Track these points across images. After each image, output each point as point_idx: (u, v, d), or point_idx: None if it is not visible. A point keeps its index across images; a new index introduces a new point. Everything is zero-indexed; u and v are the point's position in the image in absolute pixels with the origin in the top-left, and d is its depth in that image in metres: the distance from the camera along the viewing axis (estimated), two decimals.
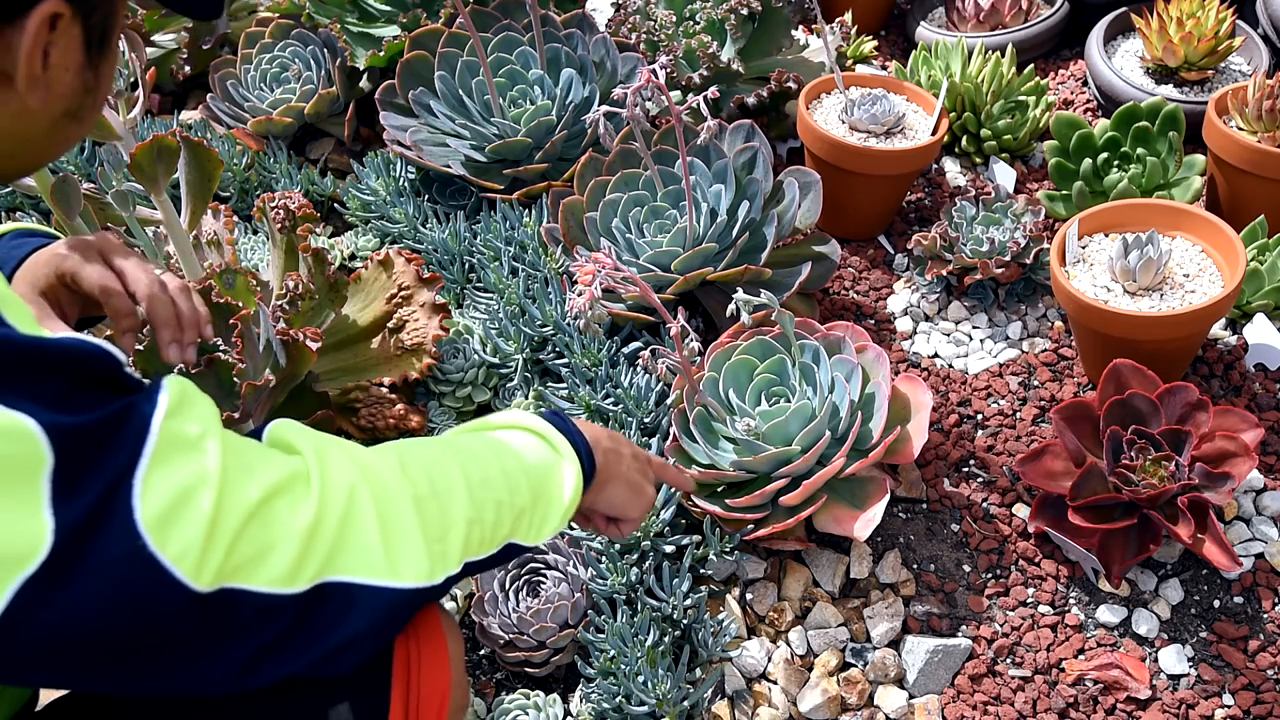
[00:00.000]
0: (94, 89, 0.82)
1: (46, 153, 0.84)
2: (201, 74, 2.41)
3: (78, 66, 0.78)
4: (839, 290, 1.91)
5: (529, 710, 1.35)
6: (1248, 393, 1.64)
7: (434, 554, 0.83)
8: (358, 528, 0.77)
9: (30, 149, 0.82)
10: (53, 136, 0.82)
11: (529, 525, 0.93)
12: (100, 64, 0.81)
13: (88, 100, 0.82)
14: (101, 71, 0.82)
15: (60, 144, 0.84)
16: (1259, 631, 1.39)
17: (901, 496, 1.55)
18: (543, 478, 0.94)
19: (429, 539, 0.82)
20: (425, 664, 0.87)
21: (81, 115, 0.82)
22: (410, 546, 0.81)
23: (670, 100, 1.50)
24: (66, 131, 0.83)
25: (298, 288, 1.56)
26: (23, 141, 0.80)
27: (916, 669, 1.38)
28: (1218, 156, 1.80)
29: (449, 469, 0.87)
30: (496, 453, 0.92)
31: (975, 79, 2.08)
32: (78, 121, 0.83)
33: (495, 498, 0.89)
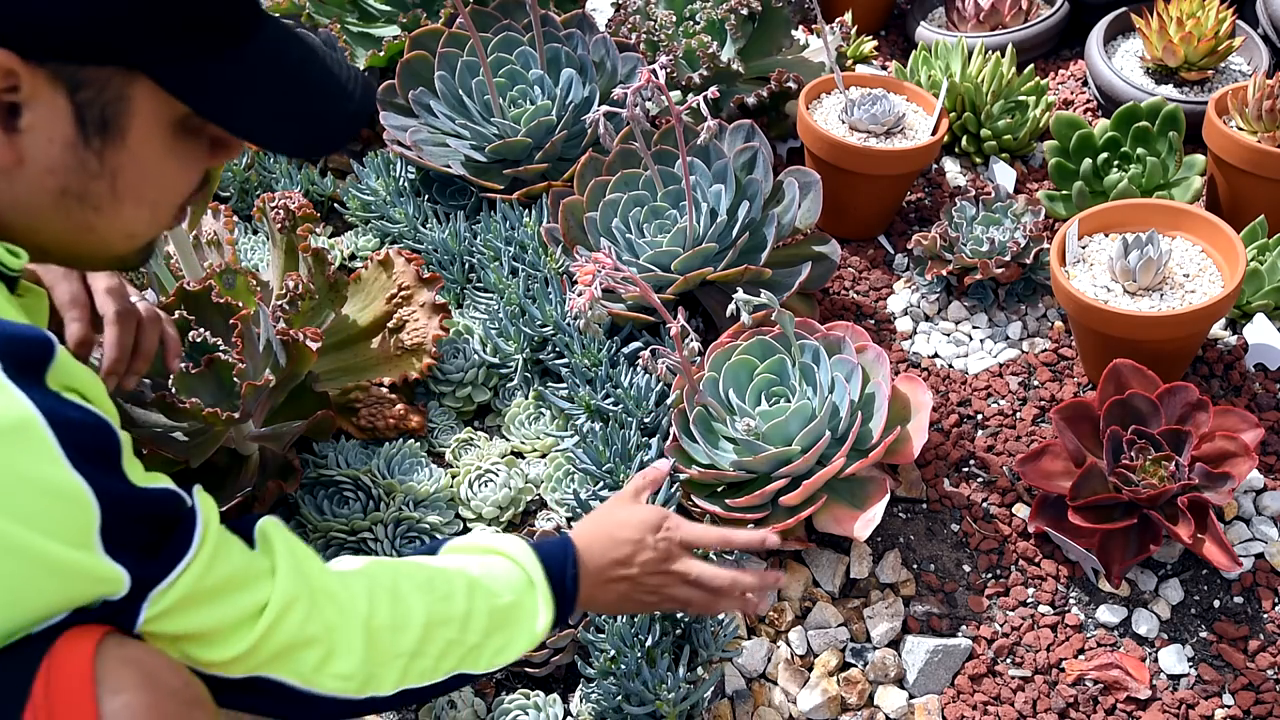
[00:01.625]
0: (102, 176, 0.80)
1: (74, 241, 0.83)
2: None
3: (65, 140, 0.77)
4: (839, 290, 1.91)
5: (529, 710, 1.35)
6: (1248, 393, 1.64)
7: (366, 675, 0.95)
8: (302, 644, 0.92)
9: (46, 227, 0.81)
10: (64, 218, 0.81)
11: (479, 659, 1.03)
12: (108, 151, 0.79)
13: (97, 186, 0.80)
14: (112, 161, 0.80)
15: (83, 231, 0.82)
16: (1259, 631, 1.39)
17: (901, 496, 1.55)
18: (506, 619, 1.04)
19: (367, 662, 0.95)
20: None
21: (96, 203, 0.81)
22: (344, 664, 0.93)
23: (670, 100, 1.50)
24: (85, 218, 0.81)
25: (298, 288, 1.56)
26: (27, 214, 0.80)
27: (916, 669, 1.38)
28: (1218, 156, 1.80)
29: (413, 606, 0.98)
30: (469, 591, 1.02)
31: (975, 79, 2.08)
32: (95, 210, 0.81)
33: (447, 636, 1.00)
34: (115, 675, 0.77)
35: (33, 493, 0.73)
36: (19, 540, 0.73)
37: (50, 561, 0.75)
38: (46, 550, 0.74)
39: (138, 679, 0.78)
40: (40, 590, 0.76)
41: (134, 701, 0.76)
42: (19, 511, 0.72)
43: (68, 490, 0.75)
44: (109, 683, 0.76)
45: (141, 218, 0.85)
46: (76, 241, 0.84)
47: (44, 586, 0.76)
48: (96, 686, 0.76)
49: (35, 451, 0.73)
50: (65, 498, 0.75)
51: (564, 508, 1.55)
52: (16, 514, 0.72)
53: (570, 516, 1.53)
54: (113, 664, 0.77)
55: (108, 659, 0.77)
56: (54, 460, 0.74)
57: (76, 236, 0.83)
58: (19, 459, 0.72)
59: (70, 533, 0.75)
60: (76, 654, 0.76)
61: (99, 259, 0.88)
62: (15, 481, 0.72)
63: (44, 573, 0.75)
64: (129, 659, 0.79)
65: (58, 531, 0.75)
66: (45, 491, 0.73)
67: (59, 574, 0.76)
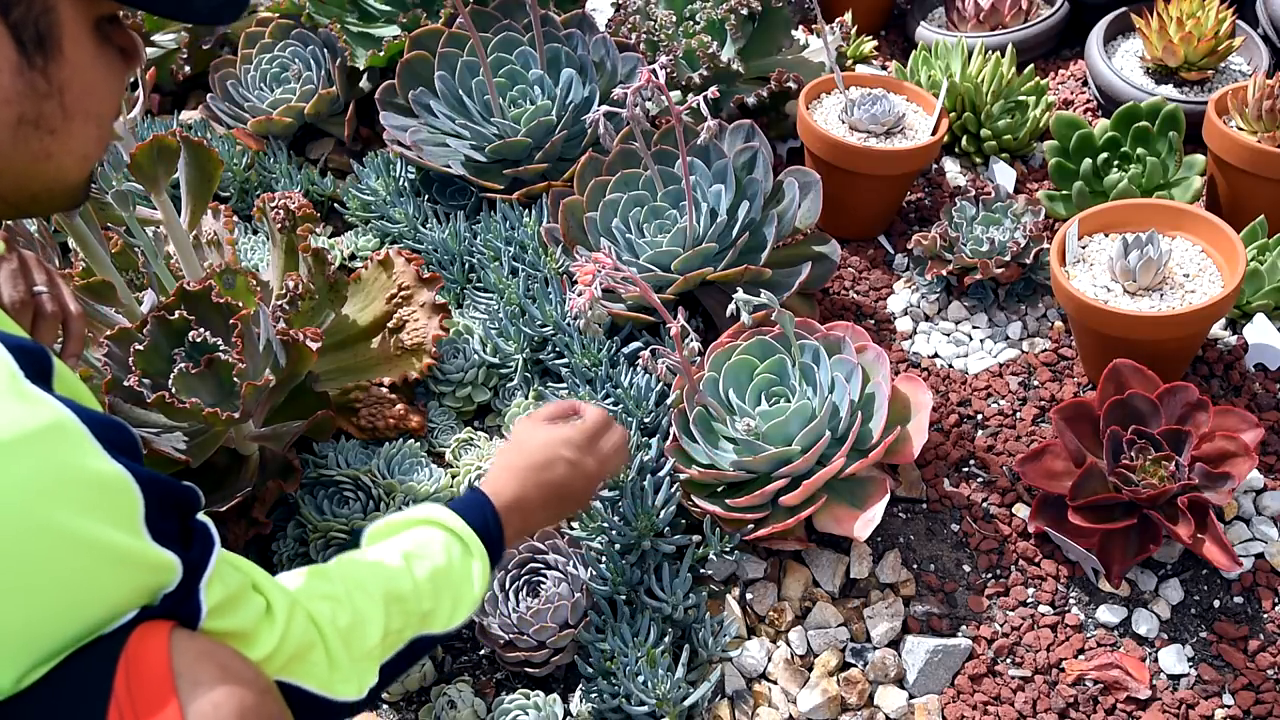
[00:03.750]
0: (52, 95, 0.80)
1: (31, 172, 0.83)
2: (201, 74, 2.41)
3: (12, 66, 0.77)
4: (839, 290, 1.91)
5: (529, 710, 1.35)
6: (1248, 393, 1.64)
7: (356, 672, 0.97)
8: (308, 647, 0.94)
9: (5, 166, 0.81)
10: (23, 149, 0.81)
11: (434, 622, 1.06)
12: (51, 67, 0.79)
13: (49, 107, 0.80)
14: (58, 76, 0.80)
15: (40, 159, 0.82)
16: (1259, 631, 1.39)
17: (901, 496, 1.55)
18: (448, 579, 1.08)
19: (353, 661, 0.97)
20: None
21: (51, 125, 0.81)
22: (341, 667, 0.96)
23: (670, 100, 1.50)
24: (42, 145, 0.81)
25: (298, 288, 1.56)
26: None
27: (916, 669, 1.38)
28: (1218, 156, 1.80)
29: (368, 601, 1.01)
30: (408, 565, 1.06)
31: (975, 79, 2.08)
32: (51, 133, 0.81)
33: (404, 611, 1.03)
34: (193, 668, 0.78)
35: (86, 485, 0.74)
36: (86, 532, 0.73)
37: (116, 551, 0.76)
38: (111, 540, 0.75)
39: (215, 671, 0.79)
40: (113, 582, 0.77)
41: (215, 694, 0.77)
42: (79, 504, 0.73)
43: (114, 479, 0.76)
44: (188, 675, 0.77)
45: (90, 135, 0.85)
46: (35, 174, 0.83)
47: (115, 578, 0.77)
48: (176, 679, 0.77)
49: (78, 446, 0.74)
50: (114, 487, 0.76)
51: None
52: (77, 507, 0.73)
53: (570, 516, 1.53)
54: (189, 657, 0.79)
55: (183, 652, 0.78)
56: (96, 453, 0.75)
57: (35, 167, 0.83)
58: (67, 454, 0.73)
59: (125, 521, 0.77)
60: (153, 648, 0.77)
61: (55, 194, 0.87)
62: (68, 476, 0.73)
63: (112, 563, 0.76)
64: (203, 651, 0.80)
65: (116, 520, 0.76)
66: (96, 483, 0.75)
67: (125, 563, 0.77)
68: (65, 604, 0.75)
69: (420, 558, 1.07)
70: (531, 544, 1.44)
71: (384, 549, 1.09)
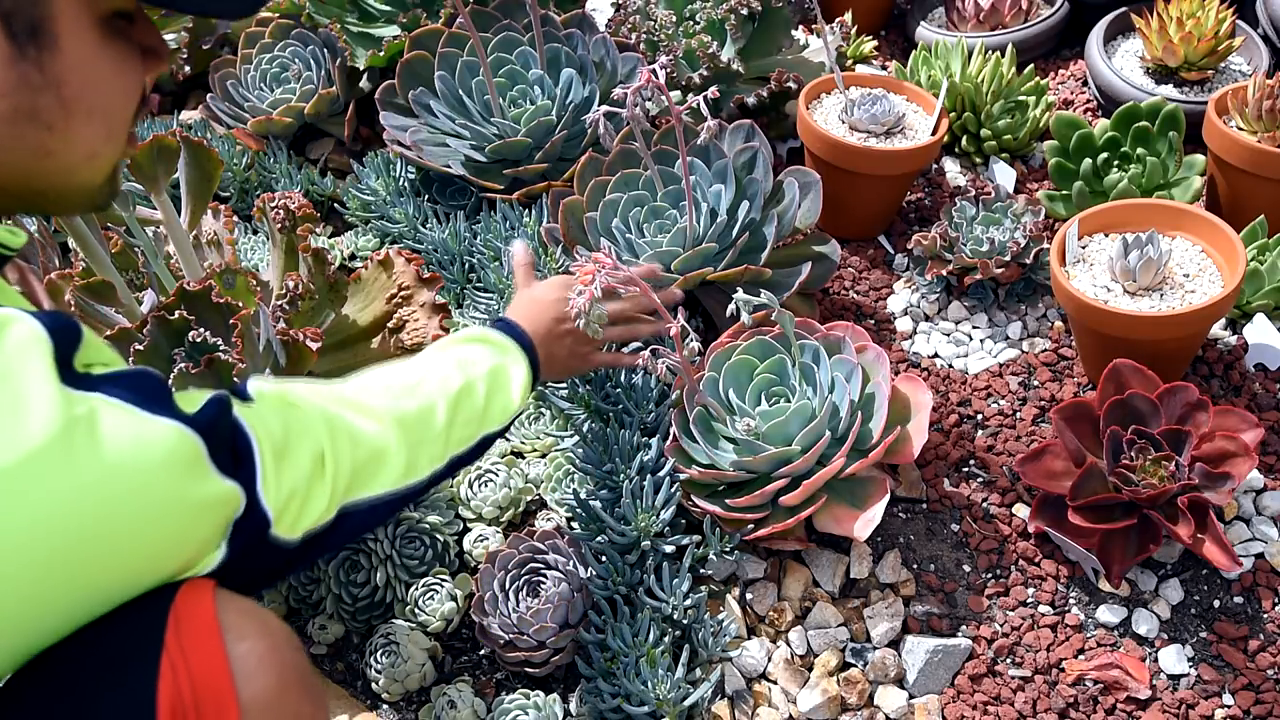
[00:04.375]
0: (47, 88, 0.79)
1: (32, 169, 0.82)
2: (201, 74, 2.41)
3: (3, 56, 0.76)
4: (839, 290, 1.91)
5: (529, 710, 1.35)
6: (1248, 393, 1.64)
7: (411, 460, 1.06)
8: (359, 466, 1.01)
9: (4, 156, 0.80)
10: (20, 143, 0.80)
11: (491, 418, 1.18)
12: (45, 59, 0.78)
13: (45, 101, 0.79)
14: (53, 69, 0.79)
15: (39, 156, 0.81)
16: (1259, 631, 1.39)
17: (901, 496, 1.55)
18: (496, 379, 1.21)
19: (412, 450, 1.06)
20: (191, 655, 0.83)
21: (48, 120, 0.80)
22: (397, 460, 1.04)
23: (670, 100, 1.50)
24: (40, 140, 0.80)
25: (298, 288, 1.56)
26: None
27: (916, 669, 1.38)
28: (1218, 156, 1.80)
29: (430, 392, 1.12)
30: (461, 367, 1.18)
31: (975, 79, 2.08)
32: (49, 129, 0.80)
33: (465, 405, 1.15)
34: (238, 624, 0.82)
35: (147, 456, 0.77)
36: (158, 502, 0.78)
37: (203, 501, 0.82)
38: (199, 494, 0.81)
39: (257, 626, 0.83)
40: (194, 532, 0.83)
41: (258, 646, 0.82)
42: (148, 479, 0.77)
43: (170, 439, 0.79)
44: (234, 630, 0.81)
45: (96, 134, 0.84)
46: (38, 171, 0.83)
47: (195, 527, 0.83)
48: (224, 633, 0.81)
49: (123, 421, 0.77)
50: (173, 446, 0.79)
51: (564, 508, 1.55)
52: (148, 482, 0.77)
53: (570, 516, 1.53)
54: (233, 614, 0.83)
55: (227, 609, 0.83)
56: (143, 418, 0.78)
57: (37, 164, 0.82)
58: (120, 438, 0.76)
59: (199, 470, 0.82)
60: (200, 604, 0.82)
61: (68, 192, 0.87)
62: (127, 456, 0.76)
63: (201, 512, 0.82)
64: (244, 609, 0.84)
65: (193, 473, 0.81)
66: (156, 449, 0.78)
67: (203, 510, 0.83)
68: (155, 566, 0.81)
69: (471, 362, 1.20)
70: (531, 544, 1.44)
71: (433, 355, 1.21)
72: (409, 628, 1.45)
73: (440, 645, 1.47)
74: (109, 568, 0.77)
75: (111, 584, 0.79)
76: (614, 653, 1.35)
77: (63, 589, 0.75)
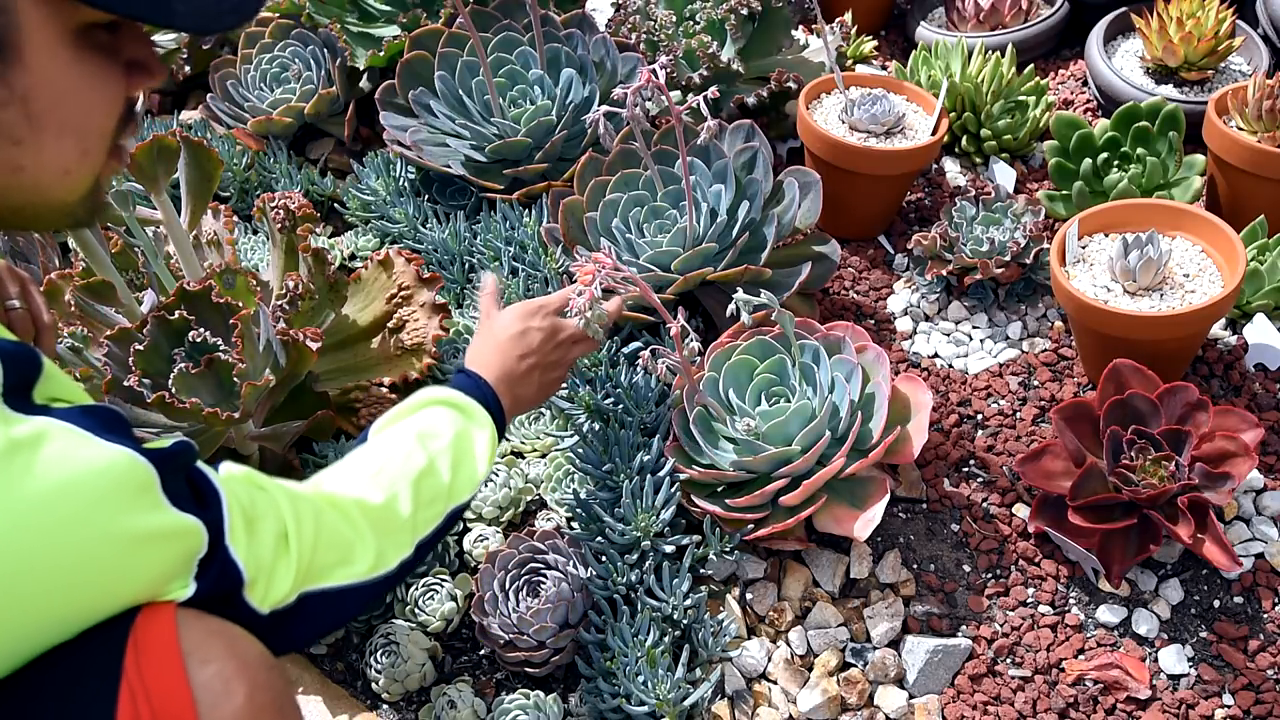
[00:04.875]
0: (11, 103, 0.75)
1: (5, 188, 0.79)
2: (201, 74, 2.41)
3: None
4: (839, 290, 1.91)
5: (529, 710, 1.35)
6: (1248, 393, 1.64)
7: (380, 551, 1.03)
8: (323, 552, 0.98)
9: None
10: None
11: (458, 492, 1.13)
12: (12, 75, 0.74)
13: (9, 115, 0.75)
14: (19, 84, 0.75)
15: (9, 170, 0.78)
16: (1259, 631, 1.39)
17: (901, 496, 1.55)
18: (461, 448, 1.16)
19: (380, 539, 1.03)
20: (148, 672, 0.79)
21: (15, 135, 0.76)
22: (363, 552, 1.01)
23: (670, 100, 1.50)
24: (7, 155, 0.77)
25: (298, 288, 1.56)
26: None
27: (916, 669, 1.38)
28: (1218, 156, 1.80)
29: (394, 479, 1.07)
30: (421, 443, 1.13)
31: (975, 79, 2.08)
32: (14, 143, 0.76)
33: (430, 485, 1.10)
34: (201, 646, 0.79)
35: (94, 478, 0.75)
36: (103, 527, 0.75)
37: (147, 532, 0.78)
38: (141, 524, 0.78)
39: (224, 648, 0.80)
40: (145, 561, 0.79)
41: (225, 669, 0.78)
42: (93, 502, 0.74)
43: (120, 463, 0.77)
44: (197, 653, 0.78)
45: (68, 149, 0.80)
46: (10, 186, 0.79)
47: (151, 556, 0.79)
48: (185, 657, 0.78)
49: (71, 443, 0.75)
50: (125, 469, 0.77)
51: (564, 508, 1.55)
52: (92, 505, 0.74)
53: (570, 516, 1.53)
54: (197, 635, 0.80)
55: (190, 630, 0.80)
56: (94, 442, 0.76)
57: (8, 179, 0.79)
58: (67, 460, 0.74)
59: (147, 498, 0.79)
60: (160, 627, 0.79)
61: (44, 208, 0.83)
62: (72, 478, 0.74)
63: (147, 543, 0.79)
64: (211, 629, 0.81)
65: (139, 503, 0.78)
66: (104, 473, 0.75)
67: (157, 539, 0.79)
68: (106, 593, 0.78)
69: (433, 435, 1.14)
70: (531, 544, 1.44)
71: (395, 432, 1.15)
72: (409, 628, 1.45)
73: (440, 645, 1.47)
74: (55, 590, 0.74)
75: (61, 609, 0.75)
76: (614, 653, 1.35)
77: (9, 613, 0.72)
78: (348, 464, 1.10)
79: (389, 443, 1.13)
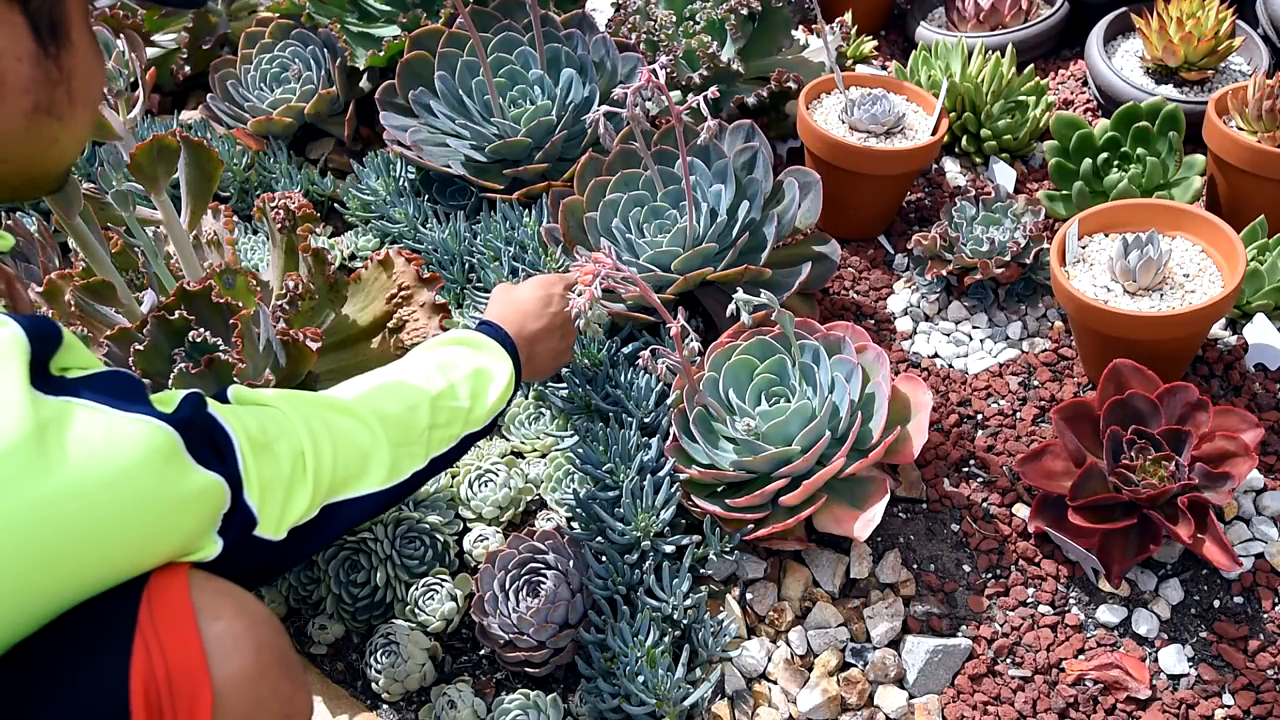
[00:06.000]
0: (62, 81, 0.81)
1: (38, 158, 0.84)
2: (201, 74, 2.41)
3: (31, 55, 0.78)
4: (839, 290, 1.91)
5: (529, 710, 1.35)
6: (1248, 393, 1.64)
7: (395, 459, 1.08)
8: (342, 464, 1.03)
9: (16, 152, 0.82)
10: (34, 137, 0.82)
11: (475, 418, 1.19)
12: (62, 55, 0.81)
13: (59, 94, 0.82)
14: (67, 64, 0.81)
15: (48, 145, 0.84)
16: (1259, 631, 1.39)
17: (901, 496, 1.55)
18: (480, 380, 1.22)
19: (395, 448, 1.08)
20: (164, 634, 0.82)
21: (60, 111, 0.82)
22: (379, 459, 1.06)
23: (670, 100, 1.50)
24: (51, 131, 0.83)
25: (298, 288, 1.56)
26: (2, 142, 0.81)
27: (916, 669, 1.39)
28: (1218, 156, 1.80)
29: (414, 392, 1.14)
30: (443, 369, 1.19)
31: (975, 79, 2.08)
32: (59, 119, 0.83)
33: (448, 406, 1.16)
34: (212, 604, 0.82)
35: (122, 454, 0.78)
36: (136, 499, 0.78)
37: (174, 495, 0.82)
38: (166, 488, 0.81)
39: (233, 606, 0.84)
40: (177, 525, 0.83)
41: (234, 625, 0.82)
42: (123, 477, 0.77)
43: (146, 434, 0.80)
44: (208, 610, 0.82)
45: (87, 120, 0.87)
46: (40, 159, 0.85)
47: (178, 520, 0.83)
48: (197, 614, 0.81)
49: (96, 420, 0.77)
50: (148, 442, 0.80)
51: (564, 508, 1.55)
52: (123, 480, 0.77)
53: (570, 516, 1.53)
54: (208, 594, 0.83)
55: (201, 590, 0.83)
56: (117, 416, 0.79)
57: (42, 153, 0.84)
58: (93, 438, 0.76)
59: (177, 464, 0.82)
60: (173, 586, 0.82)
61: (48, 178, 0.89)
62: (101, 456, 0.76)
63: (174, 506, 0.82)
64: (221, 589, 0.85)
65: (171, 470, 0.81)
66: (131, 447, 0.78)
67: (185, 503, 0.83)
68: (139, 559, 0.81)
69: (453, 365, 1.21)
70: (531, 544, 1.44)
71: (415, 358, 1.22)
72: (409, 628, 1.45)
73: (440, 645, 1.47)
74: (91, 564, 0.78)
75: (95, 580, 0.79)
76: (614, 653, 1.35)
77: (43, 587, 0.76)
78: (368, 376, 1.15)
79: (409, 365, 1.19)
